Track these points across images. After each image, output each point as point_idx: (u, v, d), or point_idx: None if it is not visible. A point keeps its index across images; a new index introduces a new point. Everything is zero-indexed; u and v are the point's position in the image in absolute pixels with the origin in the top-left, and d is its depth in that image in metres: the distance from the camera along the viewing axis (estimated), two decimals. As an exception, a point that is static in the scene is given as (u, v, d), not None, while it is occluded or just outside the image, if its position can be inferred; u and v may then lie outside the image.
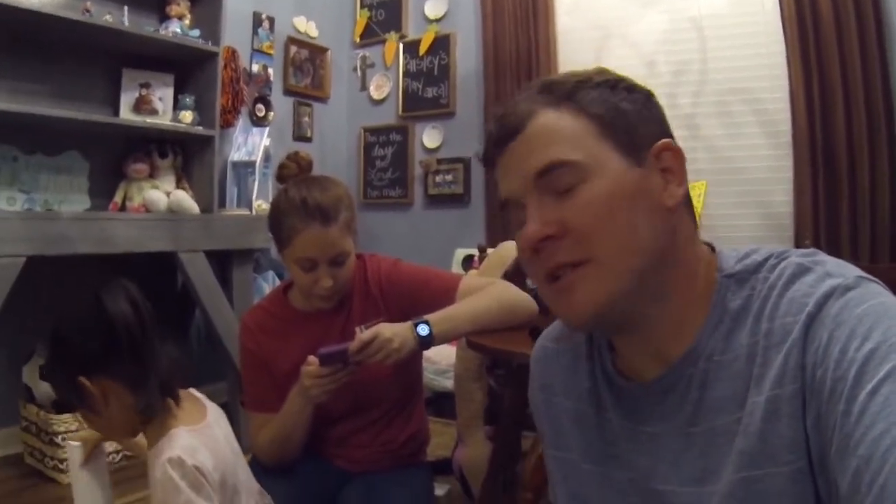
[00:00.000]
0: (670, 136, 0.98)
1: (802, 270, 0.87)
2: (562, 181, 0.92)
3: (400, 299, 2.10)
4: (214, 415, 1.77)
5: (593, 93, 0.95)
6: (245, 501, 1.71)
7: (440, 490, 2.96)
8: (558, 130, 0.94)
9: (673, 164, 0.95)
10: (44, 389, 3.46)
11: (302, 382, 1.90)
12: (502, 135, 0.98)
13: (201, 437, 1.60)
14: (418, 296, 2.09)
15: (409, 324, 1.90)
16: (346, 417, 2.12)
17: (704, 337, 0.92)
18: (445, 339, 1.98)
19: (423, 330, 1.90)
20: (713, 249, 1.00)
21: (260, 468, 2.10)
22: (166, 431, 1.56)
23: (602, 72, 1.00)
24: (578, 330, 1.07)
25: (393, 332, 1.86)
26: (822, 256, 0.89)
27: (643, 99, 0.98)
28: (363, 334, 1.84)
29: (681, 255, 0.94)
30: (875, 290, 0.82)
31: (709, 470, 0.89)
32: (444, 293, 2.08)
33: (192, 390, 1.80)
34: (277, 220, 2.01)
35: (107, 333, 1.54)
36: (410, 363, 2.17)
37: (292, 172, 2.12)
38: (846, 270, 0.85)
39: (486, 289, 2.11)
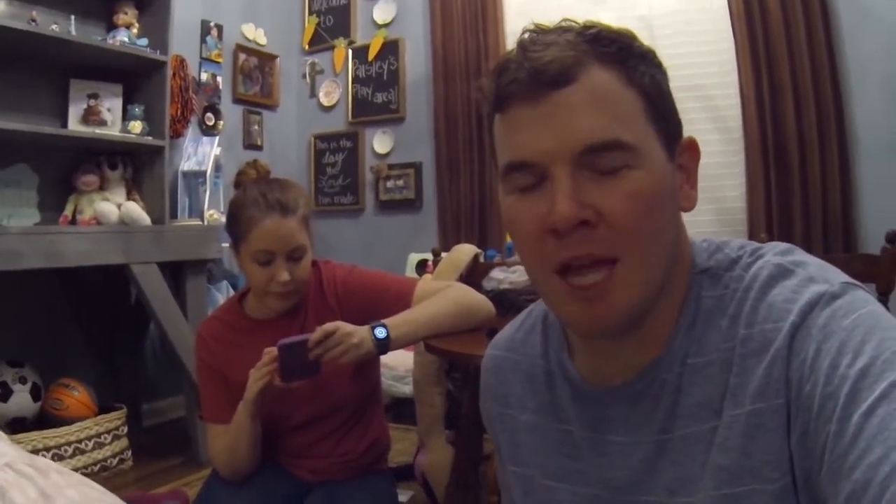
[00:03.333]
0: None
1: (782, 273, 0.82)
2: (610, 163, 0.80)
3: (356, 305, 2.09)
4: None
5: (641, 63, 0.84)
6: None
7: (403, 496, 2.96)
8: (615, 100, 0.81)
9: (690, 164, 0.90)
10: (-2, 408, 3.41)
11: (248, 388, 1.89)
12: (540, 79, 0.81)
13: None
14: (374, 302, 2.08)
15: (366, 327, 1.90)
16: (305, 427, 2.11)
17: (678, 338, 0.87)
18: (403, 343, 1.98)
19: (381, 333, 1.91)
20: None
21: (219, 482, 2.10)
22: None
23: (636, 37, 0.87)
24: (589, 338, 0.94)
25: (353, 328, 1.87)
26: (802, 256, 0.85)
27: (668, 80, 0.88)
28: (325, 325, 1.84)
29: (677, 255, 0.88)
30: (862, 298, 0.78)
31: (681, 480, 0.84)
32: (400, 298, 2.08)
33: None
34: (236, 215, 2.01)
35: None
36: (368, 370, 2.18)
37: (251, 179, 2.12)
38: (830, 275, 0.81)
39: (443, 292, 2.11)
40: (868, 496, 0.62)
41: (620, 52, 0.82)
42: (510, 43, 5.01)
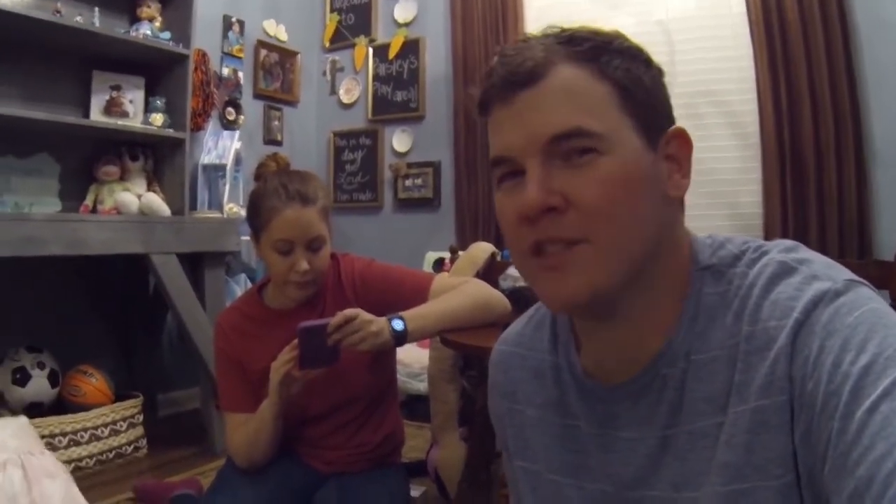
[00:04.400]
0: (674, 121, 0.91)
1: (786, 270, 0.82)
2: (576, 150, 0.83)
3: (373, 298, 2.10)
4: None
5: (616, 59, 0.86)
6: None
7: (416, 492, 2.96)
8: (581, 92, 0.84)
9: (680, 154, 0.89)
10: (16, 393, 3.44)
11: (271, 379, 1.91)
12: (512, 80, 0.86)
13: None
14: (392, 295, 2.09)
15: (384, 318, 1.91)
16: (322, 418, 2.12)
17: (680, 333, 0.87)
18: (420, 336, 1.99)
19: (398, 325, 1.91)
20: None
21: (234, 470, 2.11)
22: None
23: (621, 36, 0.90)
24: (560, 312, 1.01)
25: (373, 317, 1.88)
26: (806, 253, 0.85)
27: (659, 76, 0.90)
28: (346, 311, 1.85)
29: (671, 246, 0.89)
30: (866, 295, 0.78)
31: (687, 475, 0.84)
32: (417, 292, 2.09)
33: None
34: (256, 205, 2.04)
35: None
36: (385, 362, 2.20)
37: (271, 171, 2.14)
38: (834, 272, 0.80)
39: (460, 287, 2.11)
40: (871, 493, 0.63)
41: (593, 50, 0.86)
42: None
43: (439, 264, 4.93)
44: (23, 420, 2.85)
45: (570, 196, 0.83)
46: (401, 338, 1.92)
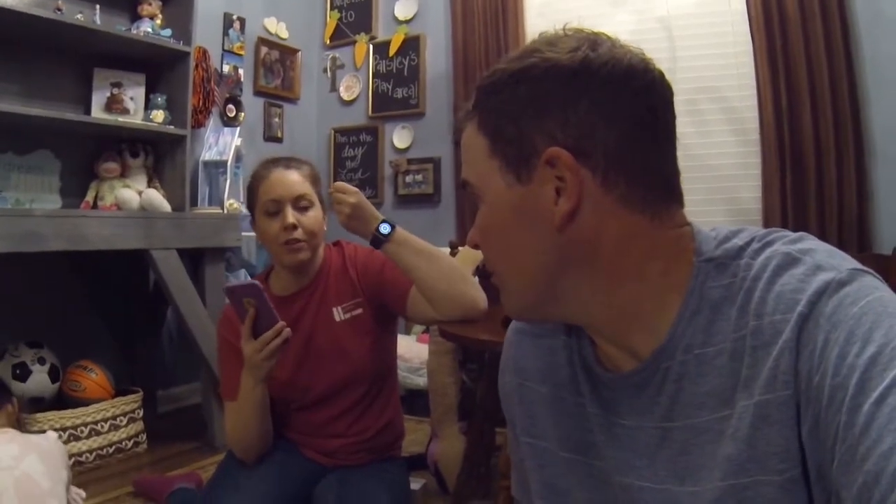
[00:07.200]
0: (622, 117, 0.85)
1: (790, 261, 0.80)
2: (474, 198, 0.95)
3: (373, 280, 2.15)
4: None
5: (499, 97, 0.89)
6: None
7: (415, 485, 2.98)
8: (468, 147, 0.94)
9: (566, 174, 0.84)
10: (17, 388, 3.45)
11: (248, 359, 1.94)
12: (454, 139, 1.00)
13: None
14: (387, 276, 2.13)
15: (377, 216, 2.05)
16: (323, 402, 2.14)
17: (681, 327, 0.85)
18: (396, 251, 2.03)
19: (385, 228, 2.02)
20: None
21: (235, 463, 2.14)
22: None
23: (530, 53, 0.89)
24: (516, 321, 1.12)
25: (364, 206, 2.04)
26: (811, 243, 0.83)
27: (562, 82, 0.85)
28: (338, 183, 2.06)
29: (616, 254, 0.86)
30: (870, 284, 0.76)
31: (690, 469, 0.84)
32: (401, 292, 2.12)
33: None
34: (250, 185, 2.17)
35: None
36: (386, 342, 2.24)
37: None
38: (838, 262, 0.79)
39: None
40: (880, 486, 0.62)
41: (478, 101, 0.93)
42: (530, 41, 5.07)
43: (439, 260, 4.93)
44: (50, 442, 2.78)
45: (475, 240, 0.97)
46: (378, 241, 2.02)
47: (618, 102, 0.85)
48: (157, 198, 4.00)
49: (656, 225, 0.87)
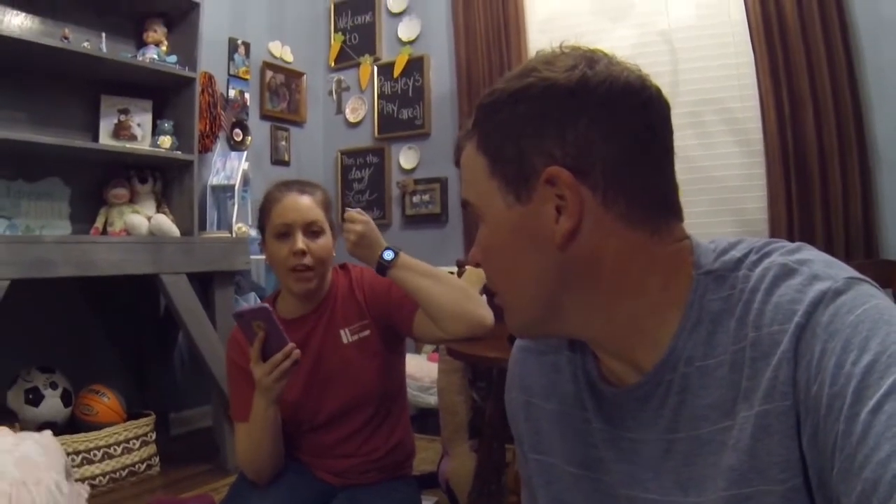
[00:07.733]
0: (619, 136, 0.85)
1: (787, 272, 0.80)
2: (475, 217, 0.96)
3: (380, 301, 2.16)
4: None
5: (497, 116, 0.90)
6: None
7: (427, 503, 2.98)
8: (467, 168, 0.95)
9: (566, 193, 0.84)
10: (29, 413, 3.46)
11: (258, 381, 1.95)
12: (455, 160, 1.00)
13: None
14: (394, 298, 2.13)
15: (382, 244, 2.05)
16: (332, 423, 2.14)
17: (682, 340, 0.86)
18: (401, 276, 2.02)
19: (388, 255, 2.02)
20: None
21: (246, 484, 2.14)
22: None
23: (528, 72, 0.90)
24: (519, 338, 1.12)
25: (364, 231, 2.04)
26: (808, 253, 0.83)
27: (560, 101, 0.86)
28: (351, 212, 2.06)
29: (616, 270, 0.87)
30: (867, 293, 0.76)
31: (694, 480, 0.84)
32: (408, 313, 2.12)
33: None
34: (262, 206, 2.18)
35: None
36: (395, 364, 2.25)
37: None
38: (834, 271, 0.79)
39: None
40: (878, 494, 0.63)
41: (477, 121, 0.94)
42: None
43: (447, 279, 4.94)
44: (45, 437, 2.84)
45: (477, 259, 0.97)
46: (383, 267, 2.02)
47: (616, 120, 0.85)
48: (165, 223, 4.02)
49: (656, 241, 0.87)
